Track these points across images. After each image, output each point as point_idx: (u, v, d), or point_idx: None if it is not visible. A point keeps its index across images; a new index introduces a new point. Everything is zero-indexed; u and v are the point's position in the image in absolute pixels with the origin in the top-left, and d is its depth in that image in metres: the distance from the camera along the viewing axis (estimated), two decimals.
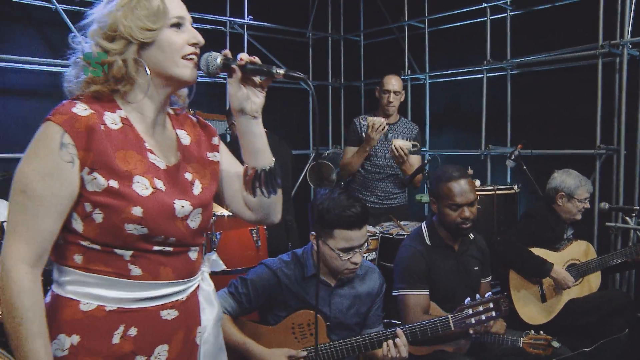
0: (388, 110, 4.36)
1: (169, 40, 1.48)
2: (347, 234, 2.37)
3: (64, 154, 1.38)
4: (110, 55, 1.45)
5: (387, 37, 6.53)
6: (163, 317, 1.52)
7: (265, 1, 6.15)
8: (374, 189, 4.37)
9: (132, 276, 1.46)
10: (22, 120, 4.90)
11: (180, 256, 1.55)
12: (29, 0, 4.87)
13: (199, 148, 1.67)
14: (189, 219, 1.53)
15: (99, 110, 1.45)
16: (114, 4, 1.47)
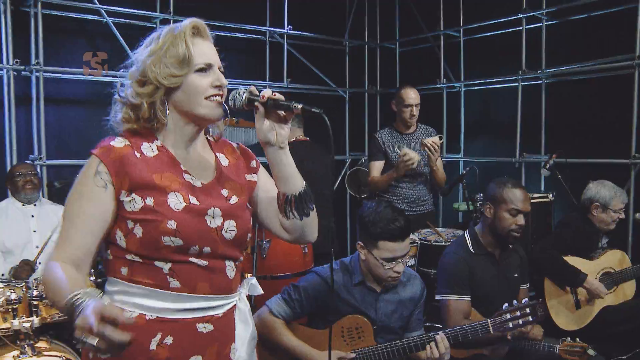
0: (409, 123, 4.45)
1: (193, 84, 1.62)
2: (391, 246, 2.54)
3: (97, 180, 1.57)
4: (140, 99, 1.62)
5: (422, 45, 6.65)
6: (199, 329, 1.63)
7: (304, 11, 6.33)
8: (406, 196, 4.49)
9: (172, 288, 1.59)
10: (75, 128, 5.16)
11: (217, 272, 1.67)
12: (81, 14, 5.12)
13: (237, 170, 1.81)
14: (223, 229, 1.66)
15: (136, 142, 1.63)
16: (147, 51, 1.64)
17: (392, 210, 2.59)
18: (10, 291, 3.07)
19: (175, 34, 1.64)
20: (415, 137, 4.48)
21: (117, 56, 5.22)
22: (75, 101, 5.18)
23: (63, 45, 5.08)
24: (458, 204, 5.44)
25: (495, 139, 6.03)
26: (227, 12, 5.79)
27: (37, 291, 3.14)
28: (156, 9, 5.42)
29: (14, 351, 2.95)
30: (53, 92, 4.96)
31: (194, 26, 1.67)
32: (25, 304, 3.11)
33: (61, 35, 5.06)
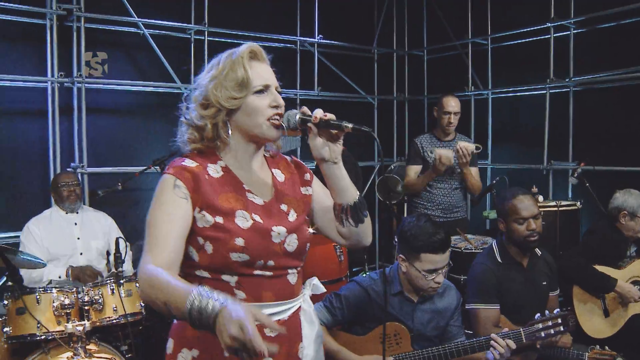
0: (448, 130, 4.58)
1: (252, 105, 1.74)
2: (432, 258, 2.67)
3: (178, 192, 1.69)
4: (203, 120, 1.76)
5: (450, 53, 6.73)
6: (267, 334, 1.73)
7: (334, 20, 6.47)
8: (440, 203, 4.61)
9: (239, 299, 1.70)
10: (113, 137, 5.36)
11: (280, 280, 1.79)
12: (119, 27, 5.32)
13: (292, 184, 1.93)
14: (285, 243, 1.78)
15: (203, 163, 1.77)
16: (209, 76, 1.77)
17: (432, 224, 2.72)
18: (64, 296, 3.25)
19: (233, 59, 1.76)
20: (453, 145, 4.60)
21: (154, 66, 5.44)
22: (114, 111, 5.38)
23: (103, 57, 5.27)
24: (487, 211, 5.52)
25: (523, 147, 6.09)
26: (259, 22, 5.95)
27: (88, 297, 3.32)
28: (191, 20, 5.59)
29: (68, 352, 3.12)
30: (93, 102, 5.15)
31: (250, 50, 1.79)
32: (77, 309, 3.30)
33: (101, 47, 5.25)
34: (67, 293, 3.28)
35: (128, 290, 3.44)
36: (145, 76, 5.47)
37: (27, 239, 4.06)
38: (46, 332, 3.16)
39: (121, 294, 3.39)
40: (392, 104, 7.21)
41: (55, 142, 4.94)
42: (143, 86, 5.40)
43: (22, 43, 4.89)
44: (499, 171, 5.93)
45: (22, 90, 4.91)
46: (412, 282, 2.77)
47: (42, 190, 4.97)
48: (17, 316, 3.17)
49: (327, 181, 1.84)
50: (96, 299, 3.34)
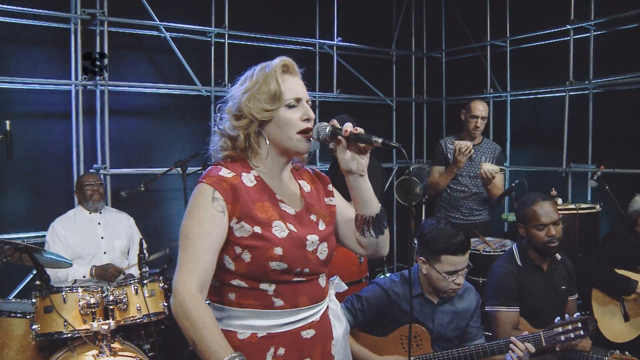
0: (474, 134, 4.61)
1: (284, 118, 1.81)
2: (452, 259, 2.71)
3: (216, 205, 1.74)
4: (236, 131, 1.82)
5: (469, 55, 6.74)
6: (303, 336, 1.84)
7: (352, 23, 6.50)
8: (460, 206, 4.64)
9: (276, 307, 1.79)
10: (135, 139, 5.44)
11: (313, 284, 1.86)
12: (141, 30, 5.40)
13: (318, 195, 2.00)
14: (317, 252, 1.85)
15: (238, 172, 1.82)
16: (242, 88, 1.84)
17: (451, 226, 2.77)
18: (90, 296, 3.32)
19: (267, 72, 1.82)
20: (480, 149, 4.63)
21: (175, 69, 5.51)
22: (136, 113, 5.46)
23: (125, 60, 5.35)
24: (506, 214, 5.52)
25: (542, 149, 6.07)
26: (278, 25, 6.01)
27: (113, 296, 3.39)
28: (211, 23, 5.65)
29: (94, 350, 3.19)
30: (115, 104, 5.23)
31: (283, 64, 1.86)
32: (101, 308, 3.37)
33: (123, 51, 5.34)
34: (93, 292, 3.35)
35: (151, 290, 3.51)
36: (166, 79, 5.55)
37: (52, 239, 4.15)
38: (72, 330, 3.23)
39: (145, 294, 3.46)
40: (410, 106, 7.23)
41: (78, 143, 5.03)
42: (164, 88, 5.47)
43: (46, 47, 4.98)
44: (517, 174, 5.93)
45: (46, 93, 5.01)
46: (432, 284, 2.80)
47: (66, 191, 5.07)
48: (44, 314, 3.25)
49: (352, 192, 1.90)
50: (120, 298, 3.41)
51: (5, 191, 4.89)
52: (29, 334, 3.32)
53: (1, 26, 4.77)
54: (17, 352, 3.38)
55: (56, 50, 5.02)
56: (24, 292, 4.75)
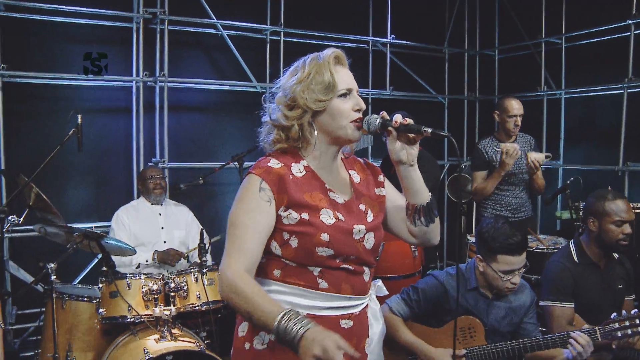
0: (514, 133, 4.53)
1: (337, 108, 1.84)
2: (509, 259, 2.73)
3: (263, 195, 1.80)
4: (289, 121, 1.85)
5: (522, 52, 6.67)
6: (342, 325, 1.87)
7: (405, 20, 6.52)
8: (508, 203, 4.59)
9: (321, 288, 1.82)
10: (190, 133, 5.60)
11: (357, 277, 1.90)
12: (199, 29, 5.55)
13: (367, 185, 2.03)
14: (364, 241, 1.88)
15: (287, 162, 1.86)
16: (295, 79, 1.86)
17: (509, 226, 2.78)
18: (152, 282, 3.47)
19: (319, 63, 1.86)
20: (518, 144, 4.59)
21: (232, 66, 5.65)
22: (193, 109, 5.62)
23: (183, 57, 5.52)
24: (560, 212, 5.46)
25: (597, 147, 5.96)
26: (333, 22, 6.08)
27: (174, 284, 3.53)
28: (267, 21, 5.77)
29: (155, 335, 3.34)
30: (174, 100, 5.40)
31: (336, 55, 1.90)
32: (163, 294, 3.51)
33: (182, 48, 5.50)
34: (155, 279, 3.50)
35: (210, 279, 3.63)
36: (223, 75, 5.69)
37: (117, 226, 4.34)
38: (136, 315, 3.39)
39: (204, 282, 3.58)
40: (462, 104, 7.20)
41: (138, 138, 5.22)
42: (221, 85, 5.62)
43: (110, 46, 5.19)
44: (571, 172, 5.83)
45: (109, 90, 5.23)
46: (488, 282, 2.84)
47: (127, 183, 5.27)
48: (110, 299, 3.41)
49: (402, 182, 1.94)
50: (181, 285, 3.54)
51: (71, 183, 5.13)
52: (95, 317, 3.49)
53: (69, 27, 5.01)
54: (84, 334, 3.56)
55: (119, 48, 5.23)
56: (87, 278, 4.98)
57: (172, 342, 3.27)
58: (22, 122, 4.85)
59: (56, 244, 3.71)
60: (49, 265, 3.36)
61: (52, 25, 4.94)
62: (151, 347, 3.20)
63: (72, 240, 3.48)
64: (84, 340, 3.55)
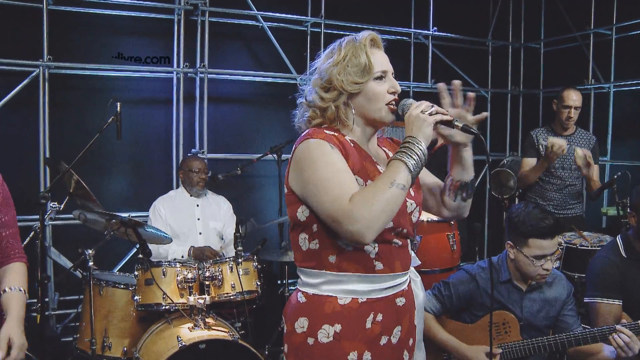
0: (567, 125, 4.42)
1: (373, 90, 1.84)
2: (540, 243, 2.65)
3: (336, 151, 1.75)
4: (325, 102, 1.86)
5: (569, 44, 6.46)
6: (398, 304, 1.87)
7: (448, 12, 6.41)
8: (551, 198, 4.48)
9: (377, 270, 1.81)
10: (229, 124, 5.62)
11: (404, 250, 1.89)
12: (240, 20, 5.56)
13: None
14: (412, 215, 1.89)
15: (337, 134, 1.84)
16: (331, 61, 1.85)
17: (540, 210, 2.71)
18: (187, 271, 3.47)
19: (356, 45, 1.85)
20: (573, 139, 4.46)
21: (272, 58, 5.64)
22: (233, 100, 5.64)
23: (223, 49, 5.54)
24: (606, 208, 5.28)
25: None
26: (374, 14, 6.01)
27: (209, 272, 3.53)
28: (308, 13, 5.74)
29: (189, 323, 3.34)
30: (214, 91, 5.43)
31: (372, 38, 1.88)
32: (198, 283, 3.51)
33: (222, 39, 5.52)
34: (190, 268, 3.50)
35: (246, 269, 3.61)
36: (263, 67, 5.69)
37: (154, 216, 4.38)
38: (170, 303, 3.39)
39: (239, 272, 3.57)
40: (506, 98, 7.03)
41: (178, 129, 5.26)
42: (261, 76, 5.61)
43: (151, 37, 5.26)
44: (618, 168, 5.62)
45: (150, 81, 5.28)
46: (520, 269, 2.74)
47: (166, 174, 5.32)
48: (145, 286, 3.43)
49: (454, 160, 1.95)
50: (216, 275, 3.54)
51: (111, 172, 5.21)
52: (131, 304, 3.52)
53: (112, 19, 5.09)
54: (120, 320, 3.59)
55: (161, 39, 5.28)
56: (126, 266, 5.05)
57: (206, 331, 3.27)
58: (66, 113, 4.95)
59: (96, 231, 3.76)
60: (87, 251, 3.41)
61: (96, 17, 5.03)
62: (184, 335, 3.20)
63: (109, 228, 3.52)
64: (120, 326, 3.59)
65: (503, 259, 2.85)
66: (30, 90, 4.72)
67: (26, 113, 4.78)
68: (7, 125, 4.74)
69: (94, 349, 3.44)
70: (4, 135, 4.74)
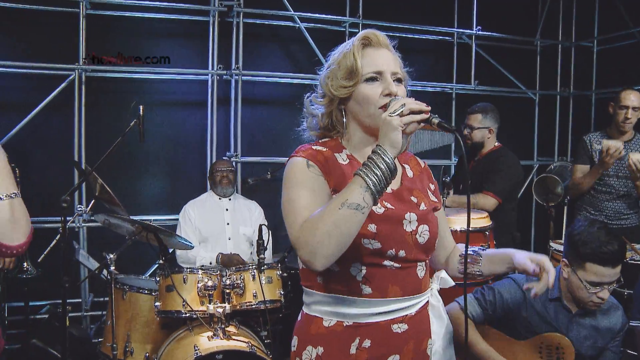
0: (624, 128, 4.12)
1: (363, 94, 1.69)
2: (599, 269, 2.38)
3: (313, 170, 1.66)
4: (318, 109, 1.78)
5: (625, 42, 6.09)
6: (394, 330, 1.70)
7: (493, 11, 6.13)
8: (604, 208, 4.19)
9: (364, 295, 1.67)
10: (266, 128, 5.53)
11: (408, 273, 1.72)
12: (276, 21, 5.47)
13: (421, 182, 1.87)
14: (417, 234, 1.71)
15: (331, 149, 1.74)
16: (325, 66, 1.77)
17: (606, 233, 2.42)
18: (208, 278, 3.40)
19: (347, 47, 1.74)
20: (631, 146, 4.14)
21: (309, 59, 5.52)
22: (268, 102, 5.55)
23: (258, 50, 5.47)
24: None
25: None
26: (414, 14, 5.82)
27: (230, 280, 3.44)
28: (346, 13, 5.61)
29: (209, 332, 3.27)
30: (249, 94, 5.36)
31: (363, 37, 1.74)
32: (219, 291, 3.43)
33: (257, 41, 5.45)
34: (212, 275, 3.43)
35: (269, 277, 3.50)
36: (299, 68, 5.59)
37: (183, 220, 4.35)
38: (190, 311, 3.32)
39: (262, 281, 3.46)
40: (554, 100, 6.68)
41: (212, 131, 5.21)
42: (297, 78, 5.51)
43: (186, 39, 5.24)
44: None
45: (185, 83, 5.26)
46: (572, 291, 2.49)
47: (200, 177, 5.29)
48: (166, 293, 3.37)
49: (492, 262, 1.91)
50: (238, 283, 3.45)
51: (144, 175, 5.21)
52: (153, 310, 3.47)
53: (147, 21, 5.09)
54: (143, 325, 3.56)
55: (195, 41, 5.25)
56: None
57: (224, 341, 3.18)
58: (102, 115, 4.96)
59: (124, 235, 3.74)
60: (108, 255, 3.38)
61: (131, 20, 5.04)
62: (202, 345, 3.13)
63: (132, 232, 3.48)
64: (143, 332, 3.56)
65: (555, 274, 2.59)
66: (67, 93, 4.76)
67: (62, 116, 4.83)
68: (45, 128, 4.80)
69: (115, 353, 3.42)
70: (41, 138, 4.81)
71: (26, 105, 4.66)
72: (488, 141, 4.21)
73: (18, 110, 4.65)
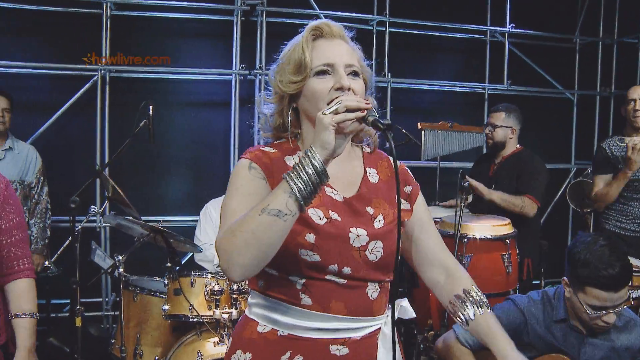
0: (636, 122, 3.86)
1: (312, 88, 1.54)
2: (599, 294, 2.15)
3: (254, 173, 1.54)
4: (269, 108, 1.65)
5: None
6: (332, 351, 1.54)
7: (528, 7, 5.89)
8: (634, 216, 3.92)
9: (303, 305, 1.52)
10: None
11: (356, 292, 1.55)
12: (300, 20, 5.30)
13: (389, 189, 1.67)
14: (367, 250, 1.54)
15: (282, 152, 1.60)
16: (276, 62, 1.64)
17: (609, 252, 2.16)
18: (215, 282, 3.33)
19: (297, 40, 1.62)
20: None
21: None
22: None
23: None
24: None
25: None
26: (444, 11, 5.65)
27: (238, 285, 3.36)
28: (373, 11, 5.48)
29: (214, 338, 3.20)
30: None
31: (314, 28, 1.62)
32: (227, 296, 3.36)
33: (281, 40, 5.35)
34: (219, 280, 3.35)
35: None
36: None
37: (204, 218, 4.31)
38: (197, 315, 3.26)
39: None
40: (594, 100, 6.39)
41: (235, 131, 5.17)
42: None
43: (210, 38, 5.22)
44: None
45: (208, 83, 5.25)
46: (575, 313, 2.29)
47: (223, 178, 5.23)
48: (174, 296, 3.31)
49: None
50: (246, 288, 3.37)
51: (167, 176, 5.21)
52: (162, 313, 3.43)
53: (171, 21, 5.09)
54: (153, 328, 3.51)
55: (220, 41, 5.23)
56: None
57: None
58: (126, 116, 4.96)
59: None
60: (117, 257, 3.36)
61: (155, 20, 5.04)
62: (207, 351, 3.08)
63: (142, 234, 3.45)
64: (153, 335, 3.51)
65: (560, 293, 2.37)
66: (90, 94, 4.80)
67: (86, 116, 4.87)
68: (69, 129, 4.85)
69: (124, 356, 3.39)
70: (65, 138, 4.86)
71: (51, 105, 4.73)
72: (510, 142, 4.04)
73: (43, 111, 4.71)
